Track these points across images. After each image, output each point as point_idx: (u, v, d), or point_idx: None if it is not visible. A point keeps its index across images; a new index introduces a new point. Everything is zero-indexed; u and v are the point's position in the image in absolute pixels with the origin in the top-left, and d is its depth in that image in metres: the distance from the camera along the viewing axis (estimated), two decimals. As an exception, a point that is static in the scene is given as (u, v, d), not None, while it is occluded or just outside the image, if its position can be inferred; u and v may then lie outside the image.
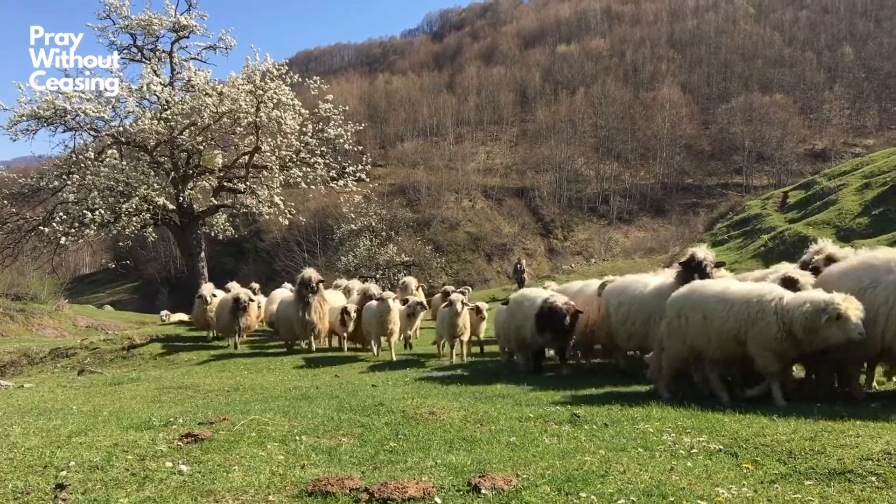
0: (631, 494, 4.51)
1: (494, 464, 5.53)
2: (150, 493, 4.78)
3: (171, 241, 66.13)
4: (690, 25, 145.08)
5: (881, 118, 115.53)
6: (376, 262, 47.68)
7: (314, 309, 17.39)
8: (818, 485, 4.71)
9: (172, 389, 11.95)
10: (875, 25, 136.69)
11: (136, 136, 24.22)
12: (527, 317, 12.24)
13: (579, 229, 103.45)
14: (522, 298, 12.94)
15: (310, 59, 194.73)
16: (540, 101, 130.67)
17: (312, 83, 27.04)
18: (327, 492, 4.69)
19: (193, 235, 25.96)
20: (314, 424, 7.21)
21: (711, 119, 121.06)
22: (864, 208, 36.89)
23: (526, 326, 12.29)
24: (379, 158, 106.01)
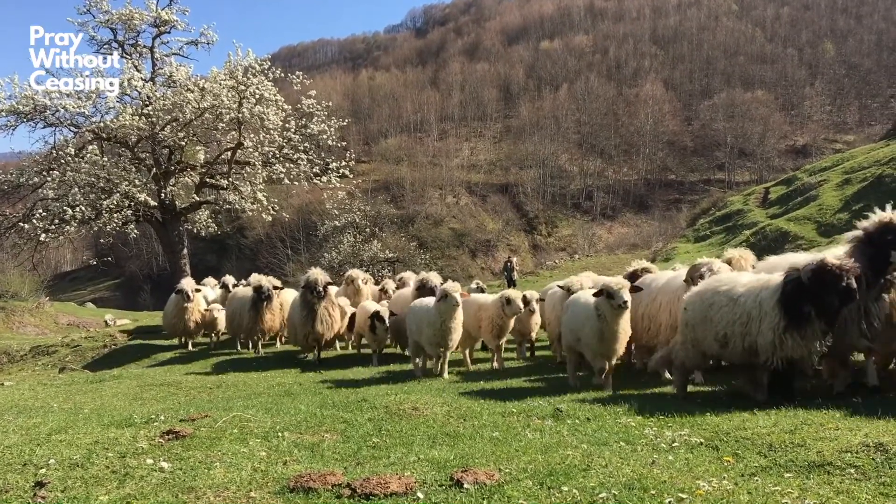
0: (612, 488, 4.52)
1: (477, 459, 5.53)
2: (131, 491, 4.75)
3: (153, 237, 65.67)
4: (673, 22, 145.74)
5: (861, 114, 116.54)
6: (360, 259, 47.56)
7: (320, 318, 14.85)
8: (798, 477, 4.74)
9: (154, 387, 11.88)
10: (856, 22, 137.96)
11: (117, 132, 24.00)
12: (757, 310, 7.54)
13: (563, 225, 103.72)
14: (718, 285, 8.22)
15: (293, 54, 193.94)
16: (523, 97, 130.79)
17: (295, 79, 26.91)
18: (309, 488, 4.68)
19: (175, 232, 25.80)
20: (297, 421, 7.19)
21: (694, 115, 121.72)
22: (845, 204, 37.19)
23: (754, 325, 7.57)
24: (363, 154, 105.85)
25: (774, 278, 7.73)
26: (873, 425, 6.05)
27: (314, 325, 14.82)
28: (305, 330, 14.92)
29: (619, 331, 9.31)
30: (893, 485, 4.44)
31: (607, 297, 9.16)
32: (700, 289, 8.53)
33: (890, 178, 34.64)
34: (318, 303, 14.76)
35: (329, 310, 15.12)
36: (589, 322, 9.48)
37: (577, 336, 9.86)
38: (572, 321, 10.07)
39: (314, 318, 14.81)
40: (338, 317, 15.49)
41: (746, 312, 7.66)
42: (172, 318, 18.70)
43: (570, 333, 10.11)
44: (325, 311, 14.99)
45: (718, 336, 7.92)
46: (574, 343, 10.07)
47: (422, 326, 11.82)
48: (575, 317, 10.02)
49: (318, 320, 14.84)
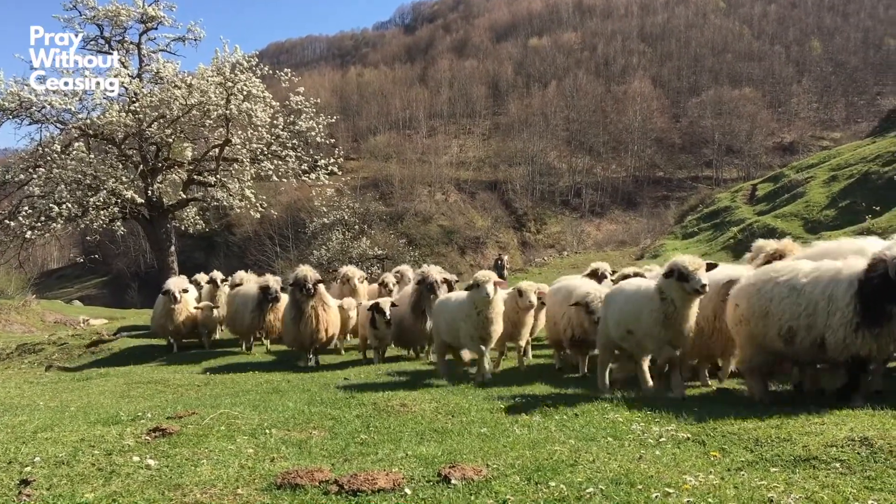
0: (600, 483, 4.54)
1: (465, 454, 5.54)
2: (117, 488, 4.73)
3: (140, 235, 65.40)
4: (661, 19, 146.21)
5: (848, 112, 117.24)
6: (349, 256, 47.47)
7: (309, 318, 13.87)
8: (783, 471, 4.77)
9: (141, 384, 11.83)
10: (842, 20, 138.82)
11: (104, 129, 23.82)
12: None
13: (552, 222, 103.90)
14: (776, 275, 7.60)
15: (281, 51, 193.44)
16: (512, 94, 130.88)
17: (283, 75, 26.81)
18: (296, 484, 4.67)
19: (163, 229, 25.67)
20: (284, 418, 7.18)
21: (682, 112, 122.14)
22: (831, 200, 37.43)
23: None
24: (351, 151, 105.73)
25: (844, 268, 7.02)
26: (858, 420, 6.10)
27: (302, 325, 13.86)
28: (295, 331, 14.03)
29: (689, 317, 8.13)
30: (878, 479, 4.47)
31: (679, 279, 7.83)
32: (754, 280, 7.79)
33: (876, 175, 34.87)
34: (307, 302, 13.79)
35: (319, 309, 14.03)
36: (648, 309, 8.26)
37: (627, 328, 8.68)
38: (621, 312, 8.80)
39: (301, 319, 13.85)
40: (331, 317, 14.35)
41: (813, 304, 6.99)
42: (160, 320, 17.92)
43: (618, 327, 8.85)
44: (314, 311, 13.93)
45: (782, 331, 7.24)
46: (621, 338, 8.91)
47: (456, 322, 10.65)
48: (626, 306, 8.74)
49: (305, 321, 13.86)
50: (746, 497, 4.20)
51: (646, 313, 8.33)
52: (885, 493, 4.18)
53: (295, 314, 13.99)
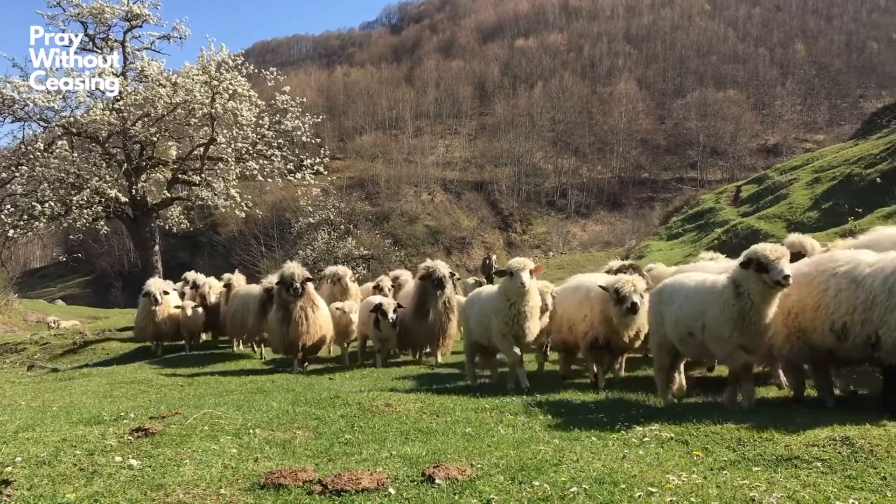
0: (583, 482, 4.55)
1: (450, 454, 5.54)
2: (99, 488, 4.70)
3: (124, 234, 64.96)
4: (646, 21, 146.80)
5: (831, 114, 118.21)
6: (335, 256, 47.42)
7: (296, 319, 13.00)
8: (766, 471, 4.80)
9: (125, 384, 11.77)
10: (826, 23, 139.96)
11: (88, 127, 23.65)
12: None
13: (537, 223, 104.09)
14: (834, 265, 7.01)
15: (267, 50, 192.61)
16: (498, 94, 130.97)
17: (269, 74, 26.70)
18: (280, 484, 4.66)
19: (147, 228, 25.50)
20: (268, 418, 7.16)
21: (667, 114, 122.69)
22: (815, 202, 37.63)
23: None
24: (337, 151, 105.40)
25: None
26: (840, 420, 6.14)
27: (289, 327, 12.98)
28: (281, 334, 13.16)
29: (768, 315, 6.90)
30: (859, 478, 4.51)
31: (758, 269, 6.72)
32: (808, 270, 7.06)
33: (858, 178, 35.10)
34: (295, 302, 12.96)
35: (308, 310, 13.16)
36: (718, 306, 7.07)
37: (689, 330, 7.48)
38: (681, 310, 7.56)
39: (289, 321, 12.97)
40: (320, 319, 13.42)
41: (871, 298, 6.31)
42: (141, 323, 17.56)
43: (678, 327, 7.62)
44: (303, 312, 13.07)
45: (835, 326, 6.58)
46: (680, 341, 7.70)
47: (487, 318, 9.48)
48: (689, 303, 7.50)
49: (293, 322, 12.96)
50: (729, 496, 4.23)
51: (715, 312, 7.13)
52: (866, 493, 4.22)
53: (282, 315, 13.06)
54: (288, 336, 13.16)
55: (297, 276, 12.88)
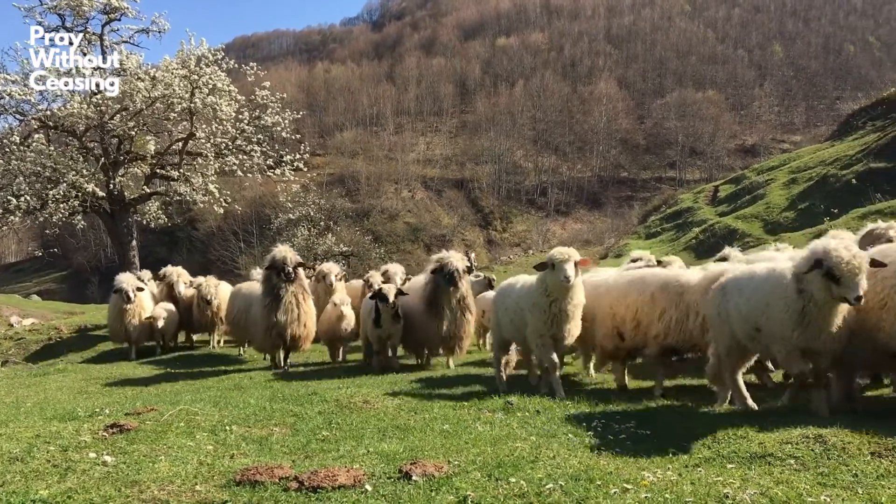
0: (560, 479, 4.57)
1: (427, 451, 5.55)
2: (72, 485, 4.66)
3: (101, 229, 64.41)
4: (627, 21, 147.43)
5: (808, 115, 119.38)
6: (315, 253, 47.22)
7: (288, 307, 11.96)
8: (739, 468, 4.85)
9: (100, 380, 11.67)
10: (804, 25, 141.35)
11: (65, 121, 23.40)
12: None
13: (518, 221, 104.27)
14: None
15: (247, 45, 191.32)
16: (479, 93, 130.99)
17: (249, 69, 26.54)
18: (256, 481, 4.64)
19: (124, 223, 25.28)
20: (245, 414, 7.13)
21: (646, 114, 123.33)
22: (791, 202, 38.06)
23: None
24: (318, 148, 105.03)
25: None
26: (813, 418, 6.22)
27: (277, 315, 11.89)
28: (268, 323, 11.98)
29: (834, 316, 6.01)
30: (831, 475, 4.56)
31: (828, 276, 5.78)
32: None
33: (834, 178, 35.53)
34: (286, 287, 11.95)
35: (300, 297, 12.17)
36: (781, 301, 6.25)
37: (757, 325, 6.60)
38: (749, 302, 6.65)
39: (278, 307, 11.87)
40: (312, 310, 12.47)
41: None
42: (114, 323, 16.24)
43: (743, 323, 6.73)
44: (294, 299, 12.05)
45: None
46: (748, 336, 6.78)
47: (522, 314, 8.58)
48: (756, 295, 6.59)
49: (282, 309, 11.89)
50: (703, 493, 4.26)
51: (778, 308, 6.27)
52: (838, 489, 4.27)
53: (270, 302, 11.88)
54: (276, 325, 11.87)
55: (289, 259, 11.81)
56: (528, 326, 8.43)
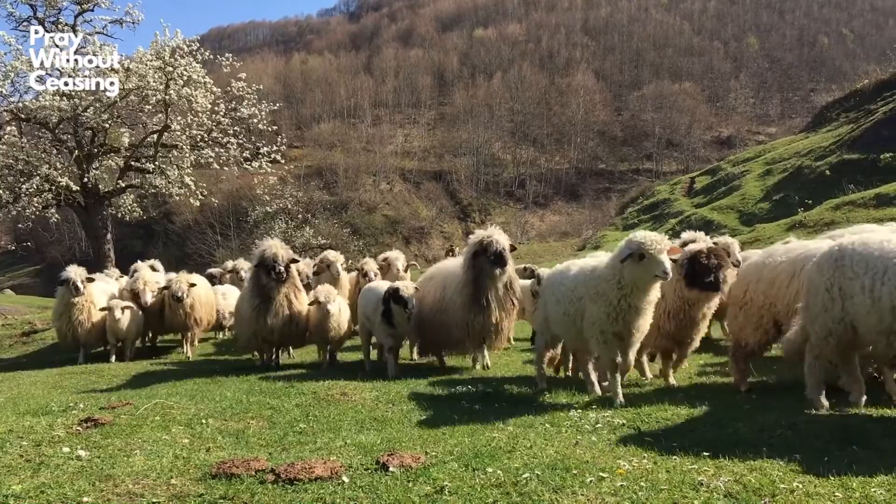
0: (536, 468, 4.59)
1: (404, 442, 5.55)
2: (46, 479, 4.61)
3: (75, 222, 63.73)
4: (604, 13, 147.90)
5: (783, 107, 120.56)
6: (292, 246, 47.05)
7: (278, 309, 10.88)
8: (714, 455, 4.89)
9: (75, 375, 11.54)
10: (778, 17, 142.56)
11: (37, 113, 23.14)
12: None
13: (496, 213, 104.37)
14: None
15: (222, 36, 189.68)
16: (457, 84, 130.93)
17: (225, 61, 26.36)
18: (232, 474, 4.62)
19: (99, 217, 25.07)
20: (222, 407, 7.09)
21: (624, 106, 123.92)
22: (766, 194, 38.38)
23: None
24: (295, 140, 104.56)
25: None
26: (786, 407, 6.30)
27: (266, 318, 10.81)
28: (255, 325, 10.95)
29: None
30: (804, 462, 4.62)
31: None
32: None
33: (808, 170, 35.88)
34: (278, 288, 10.86)
35: (291, 298, 11.12)
36: None
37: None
38: None
39: (268, 309, 10.82)
40: (303, 307, 11.26)
41: None
42: (59, 321, 13.85)
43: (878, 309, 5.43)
44: (286, 301, 11.02)
45: None
46: (884, 335, 5.47)
47: (578, 307, 7.45)
48: None
49: (271, 312, 10.84)
50: (678, 480, 4.30)
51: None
52: (810, 476, 4.32)
53: (259, 303, 10.86)
54: (264, 328, 10.89)
55: (280, 257, 10.68)
56: (589, 319, 7.25)
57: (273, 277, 10.71)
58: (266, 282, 10.81)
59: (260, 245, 11.09)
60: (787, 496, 3.95)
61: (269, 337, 11.13)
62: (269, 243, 10.93)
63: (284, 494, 4.28)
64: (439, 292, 10.36)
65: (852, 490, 4.02)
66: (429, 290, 10.60)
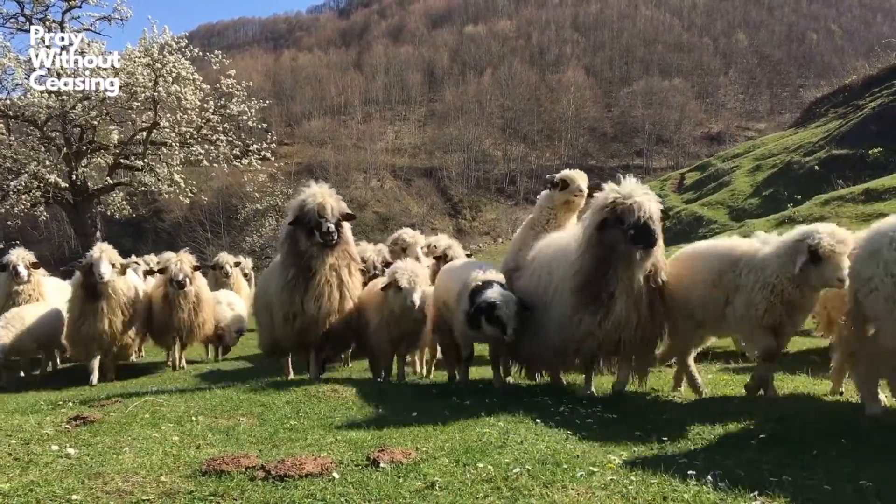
0: (527, 463, 4.60)
1: (395, 438, 5.54)
2: (34, 478, 4.59)
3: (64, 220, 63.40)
4: (594, 9, 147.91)
5: (772, 103, 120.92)
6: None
7: (321, 287, 7.95)
8: (705, 450, 4.92)
9: (63, 373, 11.51)
10: (767, 13, 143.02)
11: (25, 110, 23.02)
12: None
13: (487, 209, 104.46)
14: None
15: (212, 33, 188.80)
16: (448, 81, 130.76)
17: (214, 58, 26.27)
18: (222, 471, 4.60)
19: (88, 215, 24.97)
20: (212, 405, 7.07)
21: (614, 102, 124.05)
22: (755, 189, 38.47)
23: None
24: (285, 137, 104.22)
25: None
26: (776, 402, 6.33)
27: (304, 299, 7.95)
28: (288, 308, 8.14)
29: None
30: (792, 455, 4.64)
31: None
32: None
33: (798, 165, 35.99)
34: (323, 256, 7.87)
35: (344, 274, 8.19)
36: None
37: None
38: None
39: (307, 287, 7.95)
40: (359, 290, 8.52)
41: None
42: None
43: None
44: (336, 277, 8.10)
45: None
46: None
47: (724, 292, 6.43)
48: None
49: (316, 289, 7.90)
50: (668, 474, 4.31)
51: None
52: (797, 469, 4.35)
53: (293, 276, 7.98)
54: (306, 314, 7.91)
55: (329, 209, 7.74)
56: (737, 310, 6.29)
57: (317, 240, 7.68)
58: (306, 246, 7.77)
59: (299, 193, 8.06)
60: (776, 489, 3.96)
61: (306, 326, 8.00)
62: (312, 190, 7.91)
63: (275, 491, 4.27)
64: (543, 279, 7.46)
65: (842, 483, 4.04)
66: (527, 275, 7.78)
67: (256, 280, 15.47)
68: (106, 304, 10.08)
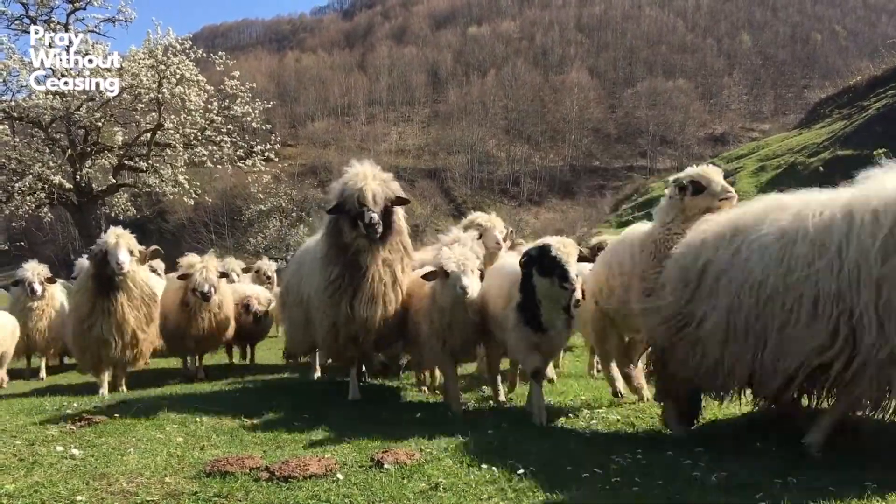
0: (531, 465, 4.59)
1: (399, 440, 5.54)
2: (39, 479, 4.60)
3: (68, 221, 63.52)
4: (598, 10, 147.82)
5: (776, 104, 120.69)
6: (286, 244, 47.00)
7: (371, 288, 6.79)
8: (708, 452, 4.91)
9: (68, 375, 11.53)
10: (771, 14, 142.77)
11: (30, 112, 23.10)
12: None
13: (490, 210, 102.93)
14: None
15: (216, 34, 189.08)
16: (451, 82, 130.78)
17: (218, 59, 26.35)
18: (226, 472, 4.61)
19: (92, 216, 25.05)
20: (216, 406, 7.07)
21: (618, 103, 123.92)
22: (760, 190, 38.45)
23: None
24: (289, 138, 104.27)
25: None
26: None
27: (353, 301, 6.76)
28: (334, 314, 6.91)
29: None
30: (795, 460, 4.63)
31: None
32: None
33: (802, 166, 35.99)
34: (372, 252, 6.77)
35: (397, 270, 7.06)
36: None
37: None
38: None
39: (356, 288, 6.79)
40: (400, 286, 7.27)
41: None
42: None
43: None
44: (390, 273, 6.98)
45: None
46: None
47: None
48: None
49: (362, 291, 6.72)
50: (672, 475, 4.31)
51: None
52: (804, 470, 4.34)
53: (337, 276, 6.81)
54: (356, 321, 6.78)
55: (371, 196, 6.63)
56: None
57: (361, 231, 6.54)
58: (351, 239, 6.66)
59: (342, 176, 6.97)
60: (781, 491, 3.95)
61: (354, 333, 6.87)
62: (354, 170, 6.89)
63: (279, 492, 4.28)
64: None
65: (847, 484, 4.03)
66: None
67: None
68: (125, 299, 8.53)
